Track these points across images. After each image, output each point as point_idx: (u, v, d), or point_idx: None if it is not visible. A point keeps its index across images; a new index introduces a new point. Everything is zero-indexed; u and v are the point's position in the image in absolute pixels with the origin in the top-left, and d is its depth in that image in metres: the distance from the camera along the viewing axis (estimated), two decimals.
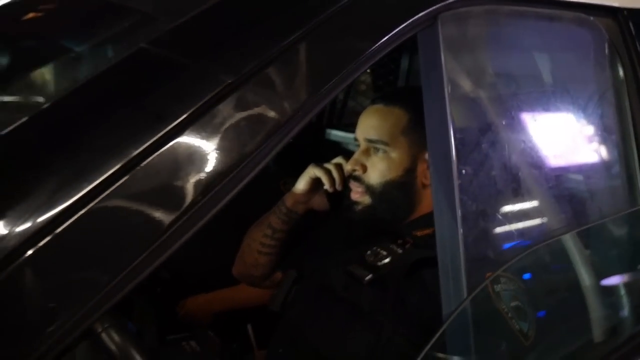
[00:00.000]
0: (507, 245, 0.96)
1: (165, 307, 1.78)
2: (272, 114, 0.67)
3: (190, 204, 0.58)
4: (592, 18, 1.17)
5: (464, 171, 0.89)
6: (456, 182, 0.86)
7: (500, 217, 0.95)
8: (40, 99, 0.60)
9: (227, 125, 0.63)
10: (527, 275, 1.07)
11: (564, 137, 1.16)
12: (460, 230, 0.85)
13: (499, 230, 0.94)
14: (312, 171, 1.42)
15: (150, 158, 0.57)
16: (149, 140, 0.57)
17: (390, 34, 0.81)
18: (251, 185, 1.86)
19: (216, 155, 0.62)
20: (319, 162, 1.44)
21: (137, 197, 0.57)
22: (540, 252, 1.07)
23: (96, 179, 0.55)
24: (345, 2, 0.78)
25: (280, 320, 1.40)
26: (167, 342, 1.40)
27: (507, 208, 0.97)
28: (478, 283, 0.88)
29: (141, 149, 0.57)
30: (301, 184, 1.44)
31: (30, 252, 0.53)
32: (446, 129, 0.88)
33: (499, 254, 0.94)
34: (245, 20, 0.71)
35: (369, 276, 1.24)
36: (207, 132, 0.62)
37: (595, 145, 1.25)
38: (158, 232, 0.58)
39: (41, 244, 0.53)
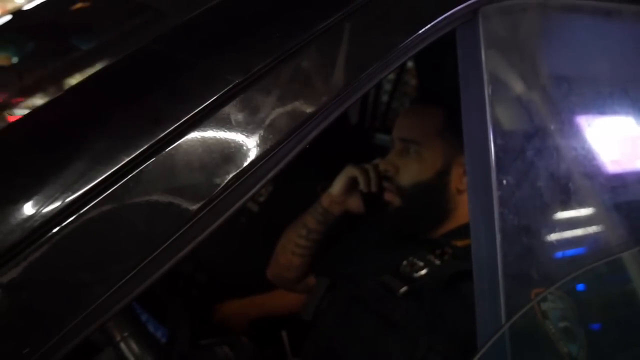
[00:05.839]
0: (553, 265, 0.86)
1: (200, 310, 1.76)
2: (285, 117, 0.61)
3: (189, 215, 0.53)
4: None
5: (504, 181, 0.81)
6: (495, 194, 0.78)
7: (545, 232, 0.85)
8: (39, 100, 0.56)
9: (233, 128, 0.58)
10: (580, 293, 0.98)
11: (622, 143, 1.05)
12: (499, 248, 0.77)
13: (543, 247, 0.85)
14: (350, 171, 1.41)
15: (145, 164, 0.52)
16: (144, 145, 0.52)
17: (422, 31, 0.74)
18: (291, 189, 1.83)
19: (221, 162, 0.57)
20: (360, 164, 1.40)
21: (129, 209, 0.52)
22: (596, 271, 0.98)
23: (86, 186, 0.50)
24: None
25: (312, 331, 1.36)
26: (200, 347, 1.38)
27: (554, 223, 0.88)
28: (518, 306, 0.79)
29: (135, 154, 0.52)
30: (338, 184, 1.43)
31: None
32: (485, 135, 0.80)
33: (543, 275, 0.85)
34: (258, 16, 0.65)
35: (404, 288, 1.20)
36: (210, 136, 0.57)
37: None
38: (153, 245, 0.53)
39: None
